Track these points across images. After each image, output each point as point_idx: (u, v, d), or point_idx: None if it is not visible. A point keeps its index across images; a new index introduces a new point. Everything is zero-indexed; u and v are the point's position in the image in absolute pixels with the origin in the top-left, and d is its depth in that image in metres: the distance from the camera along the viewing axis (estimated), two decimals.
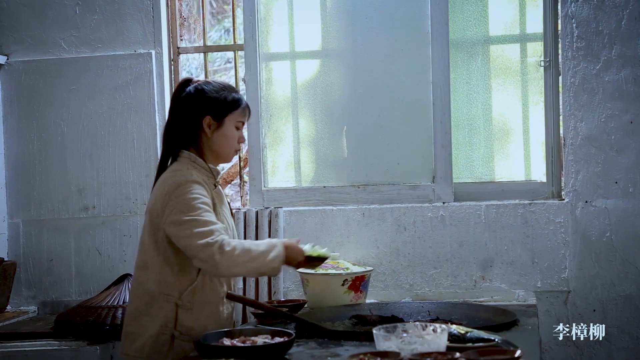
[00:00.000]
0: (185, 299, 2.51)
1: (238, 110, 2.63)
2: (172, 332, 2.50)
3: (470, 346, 2.05)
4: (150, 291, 2.52)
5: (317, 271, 3.09)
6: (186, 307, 2.51)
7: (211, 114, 2.59)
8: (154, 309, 2.51)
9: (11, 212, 3.83)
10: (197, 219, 2.42)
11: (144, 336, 2.51)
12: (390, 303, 3.01)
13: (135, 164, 3.72)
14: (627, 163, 3.34)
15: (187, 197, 2.45)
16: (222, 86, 2.65)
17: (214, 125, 2.60)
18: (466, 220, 3.44)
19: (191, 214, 2.42)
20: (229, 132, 2.62)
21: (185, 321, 2.51)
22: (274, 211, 3.54)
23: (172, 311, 2.50)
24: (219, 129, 2.61)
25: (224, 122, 2.61)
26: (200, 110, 2.59)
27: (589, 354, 3.36)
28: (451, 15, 3.52)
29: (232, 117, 2.62)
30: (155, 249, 2.52)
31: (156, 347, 2.50)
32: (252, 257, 2.43)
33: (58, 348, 3.20)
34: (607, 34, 3.34)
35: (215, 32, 5.79)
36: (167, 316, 2.50)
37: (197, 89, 2.61)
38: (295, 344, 2.29)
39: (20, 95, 3.81)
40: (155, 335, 2.50)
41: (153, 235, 2.52)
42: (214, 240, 2.38)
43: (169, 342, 2.50)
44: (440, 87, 3.51)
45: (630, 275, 3.34)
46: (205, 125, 2.59)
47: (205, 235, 2.39)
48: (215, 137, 2.61)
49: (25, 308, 3.77)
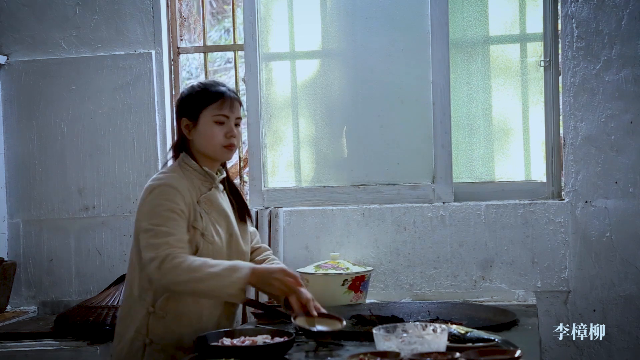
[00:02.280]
0: (158, 306, 2.44)
1: (213, 104, 2.53)
2: (144, 339, 2.44)
3: (470, 346, 2.05)
4: (133, 294, 2.49)
5: (317, 271, 3.09)
6: (159, 315, 2.44)
7: (186, 115, 2.56)
8: (133, 312, 2.48)
9: (11, 212, 3.83)
10: (154, 229, 2.37)
11: (124, 338, 2.49)
12: (390, 303, 3.01)
13: (135, 164, 3.72)
14: (627, 163, 3.34)
15: (155, 203, 2.41)
16: (201, 85, 2.59)
17: (191, 125, 2.56)
18: (466, 220, 3.44)
19: (152, 222, 2.38)
20: (206, 129, 2.53)
21: (157, 329, 2.45)
22: (274, 211, 3.54)
23: (145, 317, 2.45)
24: (195, 128, 2.55)
25: (199, 120, 2.54)
26: (178, 114, 2.59)
27: (589, 354, 3.36)
28: (451, 15, 3.52)
29: (206, 113, 2.53)
30: (137, 252, 2.47)
31: (131, 352, 2.46)
32: (200, 277, 2.30)
33: (58, 348, 3.20)
34: (607, 34, 3.34)
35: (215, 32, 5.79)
36: (140, 322, 2.45)
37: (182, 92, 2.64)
38: (295, 344, 2.29)
39: (20, 95, 3.81)
40: (130, 340, 2.46)
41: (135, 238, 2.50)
42: (156, 254, 2.32)
43: (142, 349, 2.45)
44: (440, 87, 3.51)
45: (630, 275, 3.34)
46: (183, 127, 2.57)
47: (154, 248, 2.34)
48: (194, 137, 2.56)
49: (25, 308, 3.77)
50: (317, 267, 3.13)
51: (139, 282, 2.47)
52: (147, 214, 2.41)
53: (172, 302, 2.45)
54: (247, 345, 2.22)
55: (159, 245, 2.34)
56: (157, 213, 2.39)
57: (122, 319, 2.53)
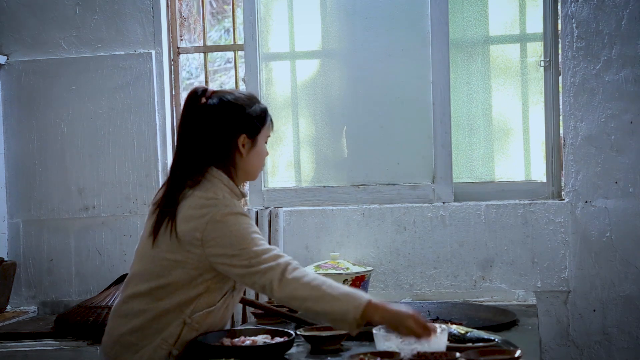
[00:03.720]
0: (196, 319, 2.34)
1: (267, 123, 2.44)
2: (170, 348, 2.34)
3: (470, 346, 2.05)
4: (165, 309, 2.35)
5: (317, 272, 3.09)
6: (193, 328, 2.34)
7: (247, 132, 2.38)
8: (161, 324, 2.35)
9: (11, 212, 3.83)
10: (252, 249, 2.24)
11: (145, 347, 2.36)
12: (390, 303, 3.01)
13: (135, 164, 3.72)
14: (627, 163, 3.34)
15: (233, 229, 2.25)
16: (248, 97, 2.44)
17: (249, 144, 2.39)
18: (466, 220, 3.44)
19: (244, 245, 2.24)
20: (261, 150, 2.43)
21: (186, 340, 2.35)
22: (274, 211, 3.54)
23: (177, 327, 2.34)
24: (253, 148, 2.40)
25: (257, 140, 2.41)
26: (235, 127, 2.36)
27: (589, 354, 3.36)
28: (451, 15, 3.52)
29: (263, 133, 2.43)
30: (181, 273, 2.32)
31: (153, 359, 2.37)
32: (318, 296, 2.15)
33: (58, 348, 3.20)
34: (607, 34, 3.34)
35: (215, 32, 5.79)
36: (170, 331, 2.34)
37: (227, 102, 2.38)
38: (295, 344, 2.29)
39: (20, 95, 3.81)
40: (154, 348, 2.35)
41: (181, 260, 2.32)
42: (276, 264, 2.20)
43: (165, 357, 2.34)
44: (440, 87, 3.51)
45: (630, 275, 3.34)
46: (240, 144, 2.37)
47: (266, 261, 2.21)
48: (250, 156, 2.40)
49: (25, 308, 3.77)
50: (317, 267, 3.13)
51: (178, 298, 2.33)
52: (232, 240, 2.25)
53: (210, 318, 2.36)
54: (247, 345, 2.22)
55: (273, 257, 2.22)
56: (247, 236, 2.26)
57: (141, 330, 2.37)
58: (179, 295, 2.32)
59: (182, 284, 2.32)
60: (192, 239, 2.27)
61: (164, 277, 2.33)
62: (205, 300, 2.34)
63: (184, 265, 2.30)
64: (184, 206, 2.30)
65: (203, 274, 2.31)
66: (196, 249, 2.27)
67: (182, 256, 2.30)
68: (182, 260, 2.30)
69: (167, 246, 2.32)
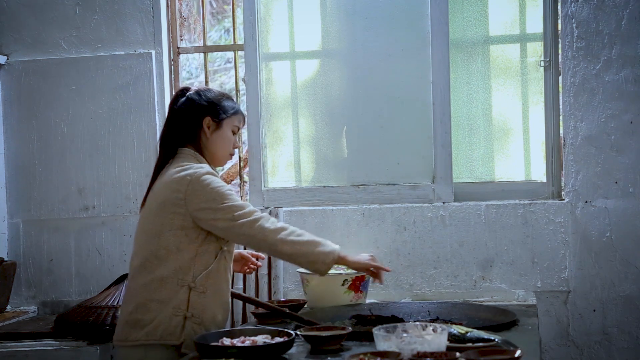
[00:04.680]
0: (199, 282, 2.57)
1: (235, 115, 2.77)
2: (184, 314, 2.55)
3: (470, 346, 2.05)
4: (161, 277, 2.56)
5: None
6: (199, 291, 2.57)
7: (211, 115, 2.71)
8: (164, 294, 2.55)
9: (11, 212, 3.83)
10: (234, 204, 2.54)
11: (155, 320, 2.55)
12: (390, 303, 3.01)
13: (135, 164, 3.72)
14: (627, 163, 3.34)
15: (214, 186, 2.56)
16: (221, 93, 2.80)
17: (213, 126, 2.72)
18: (466, 220, 3.44)
19: (225, 201, 2.54)
20: (226, 135, 2.74)
21: (197, 304, 2.57)
22: (274, 211, 3.54)
23: (185, 294, 2.56)
24: (217, 130, 2.73)
25: (222, 125, 2.73)
26: (201, 110, 2.71)
27: (589, 354, 3.36)
28: (451, 15, 3.52)
29: (229, 121, 2.74)
30: (172, 235, 2.57)
31: (169, 329, 2.54)
32: (302, 240, 2.57)
33: (58, 348, 3.20)
34: (607, 34, 3.34)
35: (215, 32, 5.79)
36: (179, 299, 2.55)
37: (198, 93, 2.75)
38: (295, 344, 2.29)
39: (20, 95, 3.81)
40: (168, 317, 2.54)
41: (169, 222, 2.57)
42: (260, 216, 2.55)
43: (182, 323, 2.54)
44: (440, 87, 3.51)
45: (630, 275, 3.34)
46: (205, 125, 2.71)
47: (249, 214, 2.54)
48: (213, 137, 2.72)
49: (25, 308, 3.77)
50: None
51: (173, 265, 2.56)
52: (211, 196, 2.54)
53: (211, 279, 2.60)
54: (247, 345, 2.22)
55: (253, 211, 2.56)
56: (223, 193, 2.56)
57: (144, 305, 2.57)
58: (172, 261, 2.55)
59: (171, 250, 2.56)
60: (175, 201, 2.55)
61: (153, 245, 2.58)
62: (200, 263, 2.58)
63: (169, 228, 2.56)
64: (162, 179, 2.63)
65: (189, 235, 2.56)
66: (180, 209, 2.55)
67: (167, 219, 2.56)
68: (168, 224, 2.56)
69: (153, 217, 2.60)
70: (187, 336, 2.53)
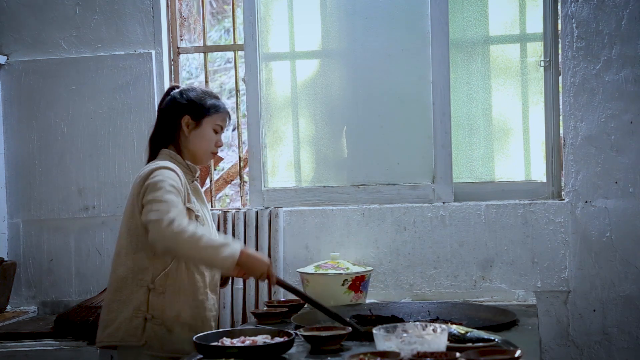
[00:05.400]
0: (158, 283, 2.58)
1: (217, 114, 2.76)
2: (144, 315, 2.56)
3: (470, 346, 2.05)
4: (121, 276, 2.60)
5: (317, 271, 3.09)
6: (158, 291, 2.58)
7: (190, 114, 2.73)
8: (125, 294, 2.59)
9: (11, 212, 3.83)
10: (158, 199, 2.48)
11: (116, 321, 2.59)
12: (390, 303, 3.01)
13: (135, 164, 3.72)
14: (627, 163, 3.34)
15: (156, 179, 2.53)
16: (203, 91, 2.81)
17: (192, 125, 2.73)
18: (466, 220, 3.44)
19: (155, 194, 2.50)
20: (206, 133, 2.75)
21: (157, 305, 2.58)
22: (273, 211, 3.54)
23: (144, 294, 2.58)
24: (196, 129, 2.74)
25: (202, 123, 2.74)
26: (179, 110, 2.73)
27: (589, 354, 3.36)
28: (451, 15, 3.52)
29: (210, 120, 2.75)
30: (129, 235, 2.60)
31: (130, 331, 2.57)
32: (201, 246, 2.44)
33: (58, 348, 3.21)
34: (607, 34, 3.34)
35: (215, 32, 5.79)
36: (139, 299, 2.57)
37: (180, 92, 2.77)
38: (295, 344, 2.29)
39: (20, 95, 3.81)
40: (129, 319, 2.57)
41: (128, 222, 2.61)
42: (163, 217, 2.43)
43: (142, 325, 2.57)
44: (440, 87, 3.51)
45: (630, 275, 3.34)
46: (183, 124, 2.72)
47: (160, 214, 2.45)
48: (192, 136, 2.73)
49: (25, 308, 3.77)
50: (317, 267, 3.13)
51: (132, 264, 2.59)
52: (150, 189, 2.52)
53: (170, 279, 2.60)
54: (247, 345, 2.22)
55: (165, 211, 2.45)
56: (159, 186, 2.52)
57: (108, 305, 2.62)
58: (131, 261, 2.57)
59: (130, 250, 2.59)
60: (134, 201, 2.58)
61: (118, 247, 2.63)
62: (158, 262, 2.58)
63: (129, 228, 2.60)
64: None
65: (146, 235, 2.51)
66: (136, 208, 2.56)
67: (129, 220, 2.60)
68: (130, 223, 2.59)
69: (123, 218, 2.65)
70: (148, 337, 2.56)
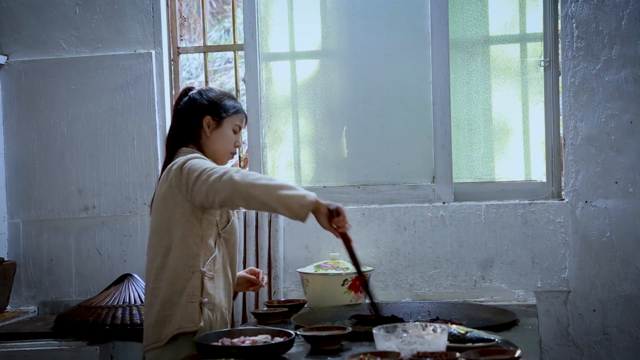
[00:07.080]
0: (208, 267, 2.60)
1: (236, 114, 2.78)
2: (199, 299, 2.57)
3: (470, 346, 2.05)
4: (174, 268, 2.58)
5: (317, 271, 3.09)
6: (209, 276, 2.60)
7: (211, 114, 2.73)
8: (179, 284, 2.57)
9: (11, 212, 3.83)
10: (208, 167, 2.51)
11: (176, 312, 2.56)
12: (390, 303, 3.01)
13: (135, 164, 3.72)
14: (627, 163, 3.34)
15: (195, 161, 2.56)
16: (222, 92, 2.82)
17: (213, 125, 2.74)
18: (466, 220, 3.44)
19: (202, 167, 2.52)
20: (226, 133, 2.76)
21: (210, 289, 2.60)
22: None
23: (197, 280, 2.58)
24: (217, 129, 2.74)
25: (223, 123, 2.75)
26: (201, 109, 2.74)
27: (589, 354, 3.36)
28: (451, 15, 3.52)
29: (230, 120, 2.76)
30: (173, 228, 2.58)
31: (186, 315, 2.55)
32: (275, 184, 2.44)
33: (58, 348, 3.21)
34: (607, 34, 3.34)
35: (215, 32, 5.79)
36: (193, 286, 2.57)
37: (200, 92, 2.78)
38: (295, 344, 2.29)
39: (20, 95, 3.81)
40: (184, 306, 2.56)
41: (169, 212, 2.59)
42: (227, 171, 2.46)
43: (199, 310, 2.56)
44: (440, 87, 3.51)
45: (630, 275, 3.34)
46: (205, 123, 2.73)
47: (218, 171, 2.47)
48: (213, 136, 2.74)
49: (25, 308, 3.77)
50: (317, 267, 3.13)
51: (182, 254, 2.58)
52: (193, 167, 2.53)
53: (217, 264, 2.64)
54: (247, 345, 2.22)
55: (222, 169, 2.49)
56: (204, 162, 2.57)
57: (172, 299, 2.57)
58: (180, 251, 2.57)
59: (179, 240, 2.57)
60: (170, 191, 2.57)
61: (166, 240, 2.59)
62: (207, 248, 2.61)
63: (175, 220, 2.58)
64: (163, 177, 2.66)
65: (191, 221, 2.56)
66: (177, 197, 2.56)
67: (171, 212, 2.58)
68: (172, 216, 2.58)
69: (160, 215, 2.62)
70: (206, 323, 2.56)
